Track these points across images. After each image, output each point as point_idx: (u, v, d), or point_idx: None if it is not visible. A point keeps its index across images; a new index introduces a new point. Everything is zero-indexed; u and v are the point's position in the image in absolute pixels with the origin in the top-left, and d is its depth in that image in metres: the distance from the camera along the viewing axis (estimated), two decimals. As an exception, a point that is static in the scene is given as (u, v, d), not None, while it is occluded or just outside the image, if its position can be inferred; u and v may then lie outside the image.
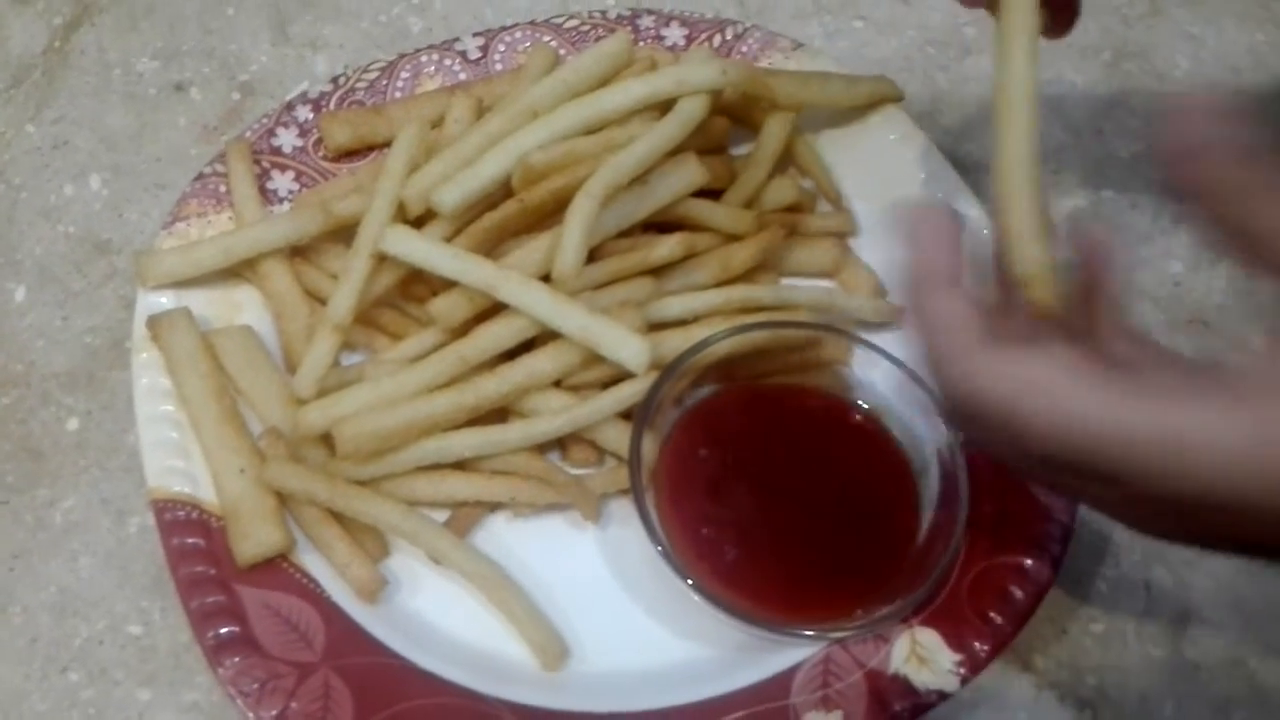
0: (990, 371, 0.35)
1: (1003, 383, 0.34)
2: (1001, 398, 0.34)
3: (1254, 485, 0.31)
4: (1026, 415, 0.34)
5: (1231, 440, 0.31)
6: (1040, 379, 0.34)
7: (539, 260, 0.51)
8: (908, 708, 0.47)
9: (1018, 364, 0.34)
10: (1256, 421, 0.31)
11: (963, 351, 0.36)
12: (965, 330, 0.36)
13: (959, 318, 0.36)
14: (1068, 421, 0.33)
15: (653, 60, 0.58)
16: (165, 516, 0.50)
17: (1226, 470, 0.31)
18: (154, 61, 0.67)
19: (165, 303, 0.54)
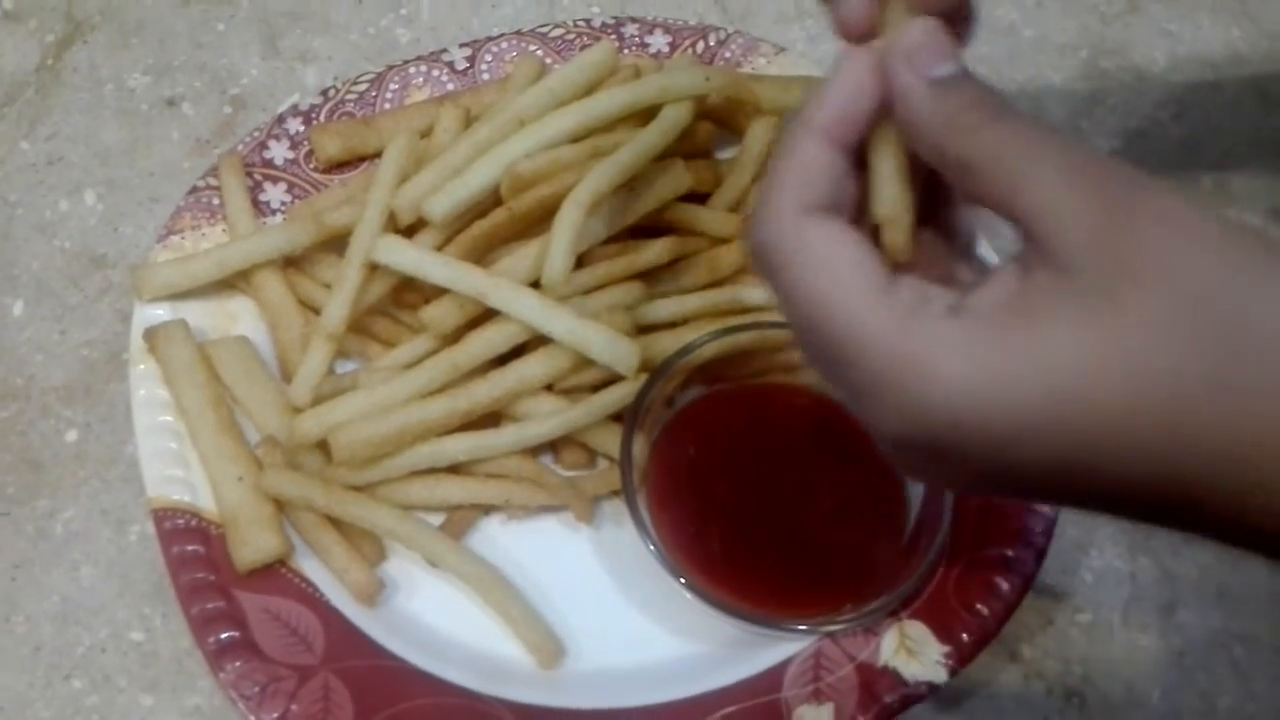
0: (789, 230, 0.33)
1: (792, 239, 0.33)
2: (782, 259, 0.33)
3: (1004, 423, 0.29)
4: (793, 285, 0.32)
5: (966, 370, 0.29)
6: (822, 262, 0.32)
7: (528, 267, 0.52)
8: (898, 699, 0.47)
9: (816, 236, 0.32)
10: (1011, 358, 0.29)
11: (782, 202, 0.33)
12: (801, 185, 0.33)
13: (804, 171, 0.33)
14: (826, 309, 0.32)
15: (637, 68, 0.59)
16: (165, 525, 0.50)
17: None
18: (146, 77, 0.68)
19: (161, 315, 0.55)
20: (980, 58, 0.70)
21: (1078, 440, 0.29)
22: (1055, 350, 0.28)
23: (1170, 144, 0.67)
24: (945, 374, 0.29)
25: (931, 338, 0.30)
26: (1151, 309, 0.28)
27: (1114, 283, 0.28)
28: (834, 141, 0.34)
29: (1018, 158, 0.30)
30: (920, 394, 0.30)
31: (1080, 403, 0.28)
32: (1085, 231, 0.29)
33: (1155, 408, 0.28)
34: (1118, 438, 0.28)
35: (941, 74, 0.32)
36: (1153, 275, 0.28)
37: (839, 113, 0.34)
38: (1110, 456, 0.29)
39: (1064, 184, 0.29)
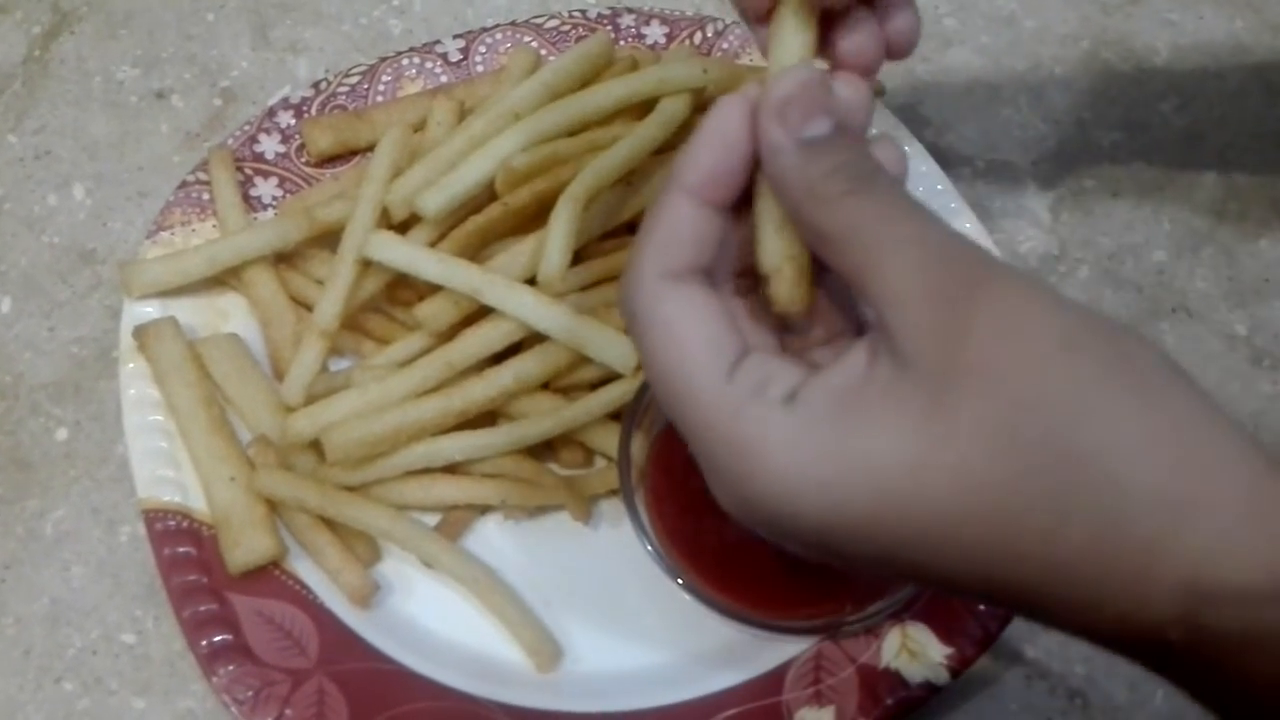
0: (647, 297, 0.32)
1: (646, 307, 0.32)
2: (640, 326, 0.32)
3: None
4: (647, 352, 0.32)
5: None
6: (672, 335, 0.31)
7: (524, 263, 0.51)
8: (899, 701, 0.47)
9: (671, 307, 0.32)
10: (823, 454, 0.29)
11: (643, 267, 0.32)
12: (663, 249, 0.32)
13: (668, 234, 0.32)
14: (672, 383, 0.31)
15: (634, 60, 0.58)
16: (156, 526, 0.50)
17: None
18: (134, 69, 0.67)
19: (151, 312, 0.54)
20: (981, 48, 0.69)
21: (903, 541, 0.29)
22: (882, 452, 0.28)
23: (1173, 136, 0.67)
24: (771, 466, 0.29)
25: (762, 427, 0.29)
26: (981, 416, 0.27)
27: (948, 383, 0.28)
28: (704, 201, 0.33)
29: (871, 237, 0.30)
30: (748, 481, 0.30)
31: (905, 508, 0.28)
32: (925, 326, 0.28)
33: (980, 519, 0.28)
34: (944, 543, 0.28)
35: (813, 133, 0.31)
36: (986, 379, 0.28)
37: (708, 172, 0.33)
38: (938, 557, 0.29)
39: (910, 275, 0.29)
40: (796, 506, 0.29)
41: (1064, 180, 0.65)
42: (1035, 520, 0.27)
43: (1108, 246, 0.63)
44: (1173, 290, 0.62)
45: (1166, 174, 0.66)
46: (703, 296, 0.32)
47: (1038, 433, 0.27)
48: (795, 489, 0.29)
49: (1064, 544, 0.27)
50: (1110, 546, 0.27)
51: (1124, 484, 0.27)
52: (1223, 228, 0.64)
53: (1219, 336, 0.61)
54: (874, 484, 0.28)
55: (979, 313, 0.28)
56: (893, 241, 0.29)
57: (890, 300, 0.29)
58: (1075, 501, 0.27)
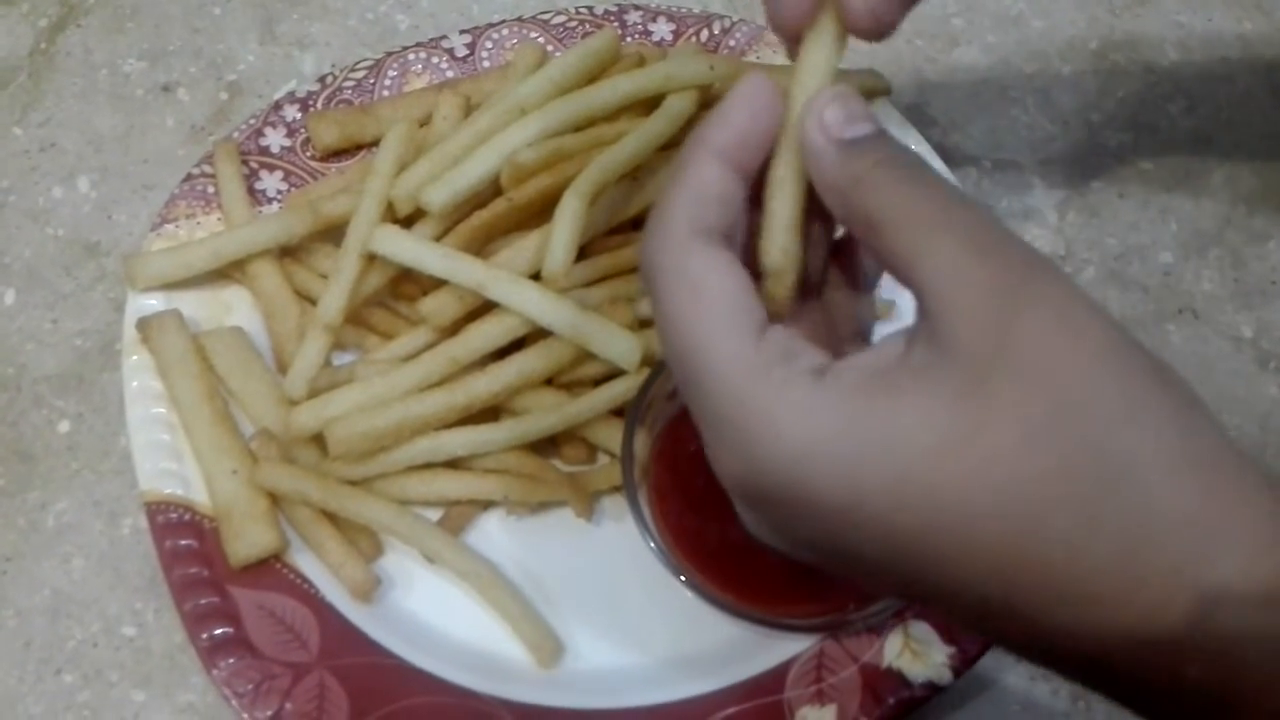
0: (675, 250, 0.31)
1: (675, 260, 0.31)
2: (664, 279, 0.31)
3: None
4: (669, 306, 0.31)
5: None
6: (700, 289, 0.31)
7: (529, 258, 0.51)
8: (901, 701, 0.47)
9: (701, 262, 0.31)
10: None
11: (673, 220, 0.32)
12: (694, 205, 0.32)
13: (699, 192, 0.32)
14: (693, 337, 0.30)
15: (640, 56, 0.58)
16: (158, 519, 0.49)
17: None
18: (141, 62, 0.67)
19: (155, 305, 0.54)
20: (988, 48, 0.69)
21: (914, 533, 0.27)
22: (907, 431, 0.27)
23: (1181, 137, 0.67)
24: (789, 432, 0.28)
25: (785, 391, 0.29)
26: (1022, 407, 0.27)
27: (991, 370, 0.27)
28: (732, 164, 0.33)
29: (922, 223, 0.29)
30: (760, 444, 0.29)
31: (924, 494, 0.27)
32: (972, 311, 0.28)
33: (1003, 515, 0.26)
34: (959, 539, 0.27)
35: (856, 134, 0.31)
36: (1033, 371, 0.27)
37: (739, 135, 0.33)
38: (947, 556, 0.27)
39: (961, 260, 0.28)
40: (806, 478, 0.28)
41: (1071, 181, 0.65)
42: (1062, 524, 0.26)
43: (1114, 247, 0.63)
44: (1179, 292, 0.62)
45: (1174, 175, 0.65)
46: (730, 259, 0.32)
47: (1079, 433, 0.26)
48: (807, 458, 0.28)
49: (1088, 556, 0.26)
50: (1138, 566, 0.26)
51: (1157, 502, 0.26)
52: (1230, 229, 0.64)
53: (1225, 338, 0.60)
54: (894, 464, 0.27)
55: (1030, 305, 0.27)
56: (947, 225, 0.29)
57: (941, 283, 0.28)
58: (1107, 510, 0.26)
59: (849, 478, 0.27)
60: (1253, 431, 0.58)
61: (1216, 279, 0.62)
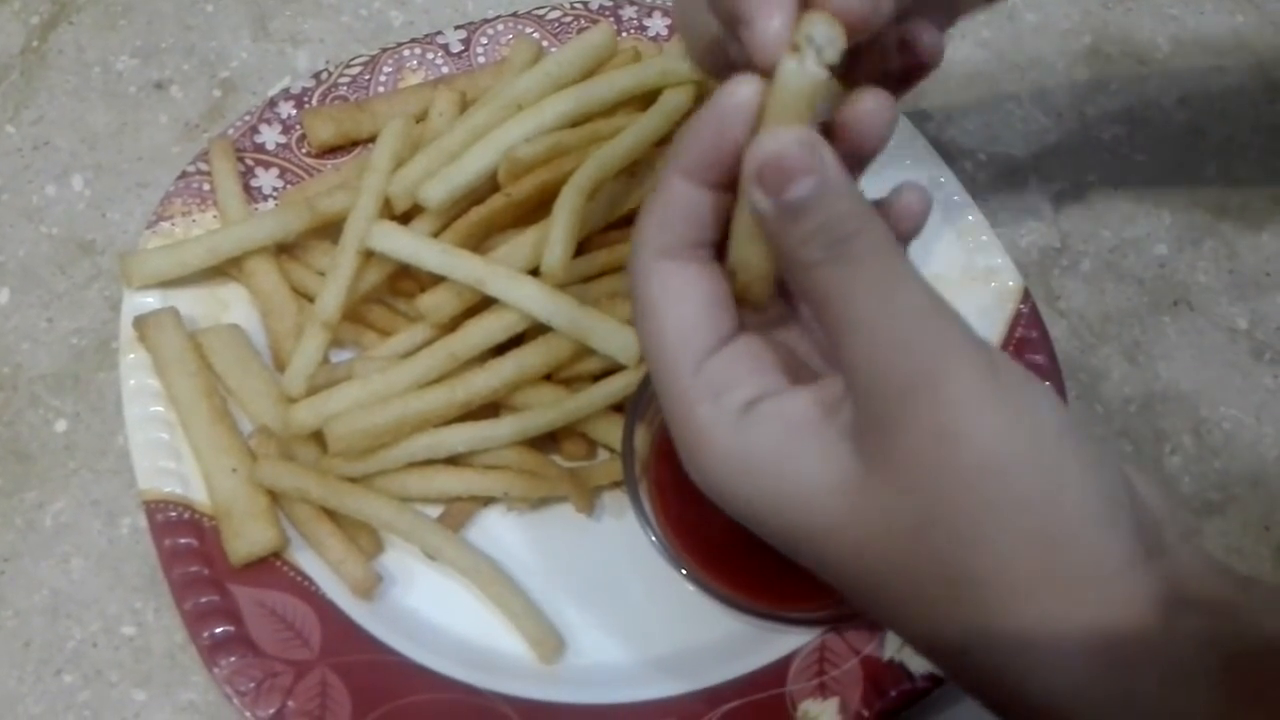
0: (641, 272, 0.34)
1: (641, 284, 0.34)
2: (634, 298, 0.34)
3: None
4: (637, 324, 0.34)
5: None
6: (657, 314, 0.34)
7: (527, 254, 0.51)
8: (903, 693, 0.47)
9: (660, 286, 0.34)
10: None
11: (641, 242, 0.34)
12: (659, 228, 0.34)
13: (664, 212, 0.34)
14: (651, 357, 0.34)
15: (636, 51, 0.58)
16: (157, 518, 0.49)
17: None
18: (134, 60, 0.66)
19: (151, 303, 0.54)
20: (982, 43, 0.69)
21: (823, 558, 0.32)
22: (802, 504, 0.31)
23: (1174, 130, 0.67)
24: (711, 464, 0.32)
25: (709, 429, 0.32)
26: (893, 511, 0.30)
27: (876, 469, 0.30)
28: (699, 179, 0.33)
29: (837, 312, 0.31)
30: (694, 465, 0.33)
31: (828, 542, 0.32)
32: (868, 412, 0.30)
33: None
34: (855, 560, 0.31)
35: (795, 195, 0.31)
36: (908, 481, 0.30)
37: (705, 151, 0.33)
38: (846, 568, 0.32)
39: (862, 359, 0.30)
40: (729, 497, 0.33)
41: (1065, 174, 0.65)
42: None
43: (1109, 240, 0.63)
44: (1174, 284, 0.62)
45: (1168, 168, 0.65)
46: (691, 275, 0.34)
47: (934, 547, 0.30)
48: (728, 488, 0.33)
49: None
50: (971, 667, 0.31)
51: (995, 620, 0.30)
52: (1224, 221, 0.64)
53: (1220, 330, 0.61)
54: (798, 517, 0.32)
55: (917, 413, 0.29)
56: (851, 322, 0.31)
57: (848, 377, 0.31)
58: (956, 613, 0.30)
59: (756, 512, 0.33)
60: (1249, 422, 0.58)
61: (1211, 271, 0.62)
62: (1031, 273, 0.61)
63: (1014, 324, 0.56)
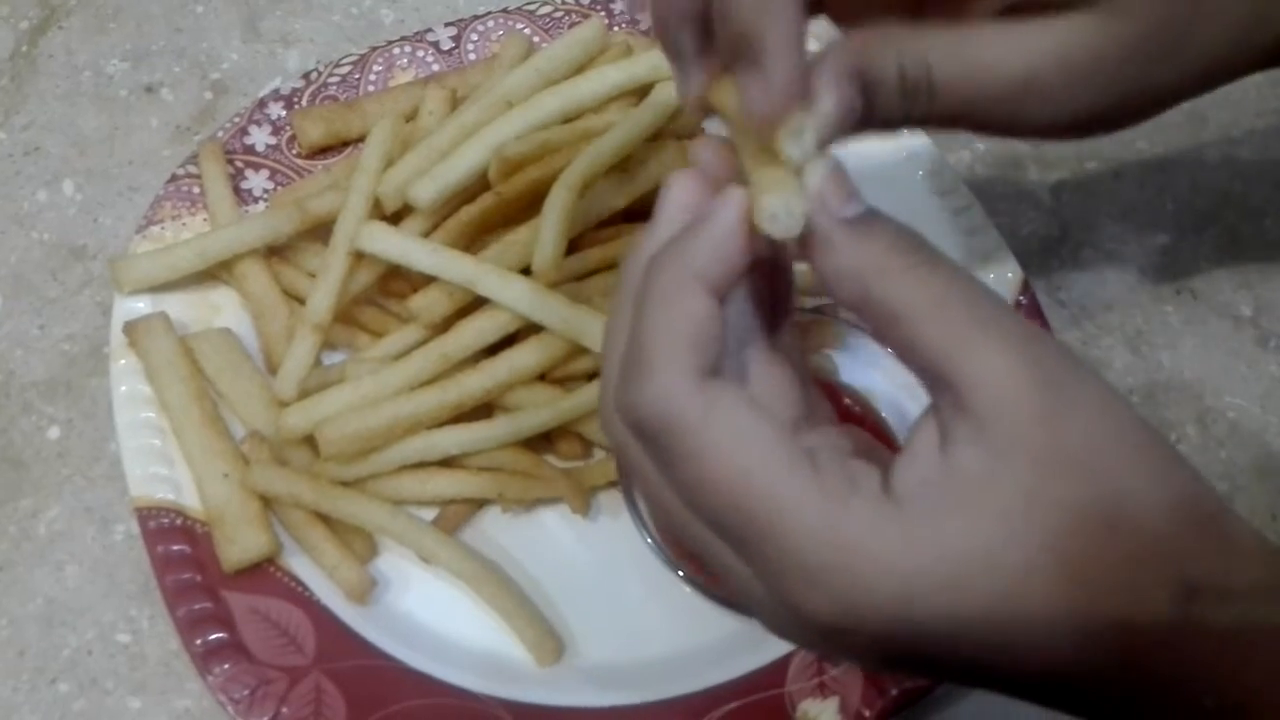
0: (688, 403, 0.29)
1: (696, 415, 0.29)
2: (682, 437, 0.29)
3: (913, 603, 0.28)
4: (703, 465, 0.29)
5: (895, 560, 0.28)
6: (738, 438, 0.29)
7: (519, 253, 0.51)
8: (904, 692, 0.46)
9: (725, 408, 0.29)
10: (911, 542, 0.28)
11: (673, 368, 0.29)
12: (693, 348, 0.30)
13: (694, 330, 0.30)
14: (749, 492, 0.29)
15: (628, 46, 0.58)
16: (150, 524, 0.49)
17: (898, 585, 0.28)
18: (124, 63, 0.66)
19: (142, 308, 0.53)
20: (980, 30, 0.68)
21: (1013, 641, 0.28)
22: (997, 553, 0.28)
23: (1176, 115, 0.63)
24: (898, 566, 0.28)
25: (878, 524, 0.28)
26: (1084, 507, 0.28)
27: (1050, 472, 0.28)
28: (719, 291, 0.31)
29: (957, 318, 0.29)
30: (862, 584, 0.28)
31: (1021, 612, 0.28)
32: (1030, 411, 0.28)
33: (1086, 614, 0.28)
34: (1055, 638, 0.28)
35: (851, 213, 0.30)
36: (1087, 471, 0.28)
37: (727, 263, 0.30)
38: (1043, 654, 0.29)
39: (1007, 360, 0.28)
40: (916, 609, 0.28)
41: (1066, 162, 0.64)
42: (1147, 610, 0.28)
43: (1111, 228, 0.62)
44: (1177, 272, 0.61)
45: (1169, 154, 0.65)
46: (746, 396, 0.30)
47: (1134, 525, 0.28)
48: (920, 590, 0.28)
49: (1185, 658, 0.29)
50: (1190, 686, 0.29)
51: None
52: (1227, 209, 0.63)
53: (1224, 318, 0.60)
54: (991, 588, 0.28)
55: (1075, 405, 0.28)
56: (983, 321, 0.29)
57: (990, 383, 0.28)
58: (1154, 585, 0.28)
59: (957, 603, 0.28)
60: (1254, 411, 0.57)
61: (1214, 258, 0.62)
62: (1032, 263, 0.60)
63: (1014, 315, 0.55)
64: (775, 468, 0.29)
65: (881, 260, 0.30)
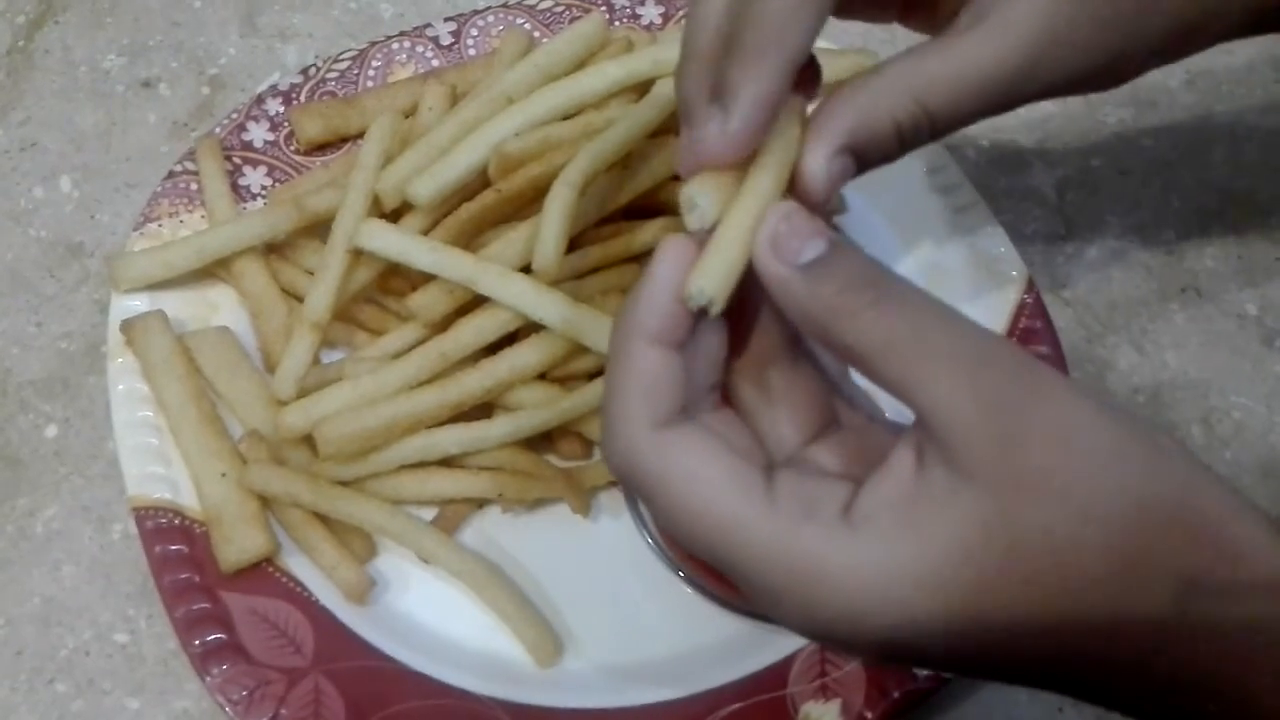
0: (647, 452, 0.31)
1: (655, 462, 0.31)
2: (650, 483, 0.32)
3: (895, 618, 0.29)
4: (670, 507, 0.31)
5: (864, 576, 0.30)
6: (694, 480, 0.31)
7: (519, 251, 0.50)
8: (907, 693, 0.46)
9: (679, 453, 0.31)
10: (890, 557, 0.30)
11: (630, 423, 0.32)
12: (645, 400, 0.32)
13: (645, 383, 0.32)
14: (710, 528, 0.31)
15: (629, 41, 0.57)
16: (147, 524, 0.49)
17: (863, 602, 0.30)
18: (121, 58, 0.66)
19: (139, 306, 0.53)
20: (984, 26, 0.68)
21: (977, 651, 0.30)
22: (951, 570, 0.29)
23: (1181, 112, 0.66)
24: (841, 589, 0.29)
25: (825, 549, 0.30)
26: (1048, 528, 0.28)
27: (1011, 493, 0.28)
28: (668, 344, 0.32)
29: (910, 350, 0.30)
30: (819, 608, 0.30)
31: (978, 623, 0.29)
32: (984, 436, 0.29)
33: (1051, 629, 0.29)
34: (1018, 649, 0.30)
35: (811, 256, 0.31)
36: (1049, 490, 0.28)
37: (667, 316, 0.32)
38: (1009, 661, 0.30)
39: (961, 383, 0.29)
40: (867, 626, 0.29)
41: (1070, 159, 0.64)
42: (1095, 620, 0.29)
43: (1115, 226, 0.62)
44: (1182, 270, 0.61)
45: (1175, 151, 0.64)
46: (700, 435, 0.32)
47: (1100, 543, 0.28)
48: (865, 610, 0.29)
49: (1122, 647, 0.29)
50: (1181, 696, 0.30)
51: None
52: (1232, 206, 0.63)
53: (1229, 316, 0.60)
54: (946, 604, 0.29)
55: (1035, 420, 0.29)
56: (933, 352, 0.29)
57: (943, 412, 0.29)
58: (1129, 604, 0.29)
59: (904, 621, 0.29)
60: (1259, 411, 0.57)
61: (1220, 256, 0.61)
62: (1036, 261, 0.60)
63: (1018, 314, 0.55)
64: (727, 505, 0.30)
65: (835, 303, 0.30)
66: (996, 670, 0.31)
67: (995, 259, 0.56)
